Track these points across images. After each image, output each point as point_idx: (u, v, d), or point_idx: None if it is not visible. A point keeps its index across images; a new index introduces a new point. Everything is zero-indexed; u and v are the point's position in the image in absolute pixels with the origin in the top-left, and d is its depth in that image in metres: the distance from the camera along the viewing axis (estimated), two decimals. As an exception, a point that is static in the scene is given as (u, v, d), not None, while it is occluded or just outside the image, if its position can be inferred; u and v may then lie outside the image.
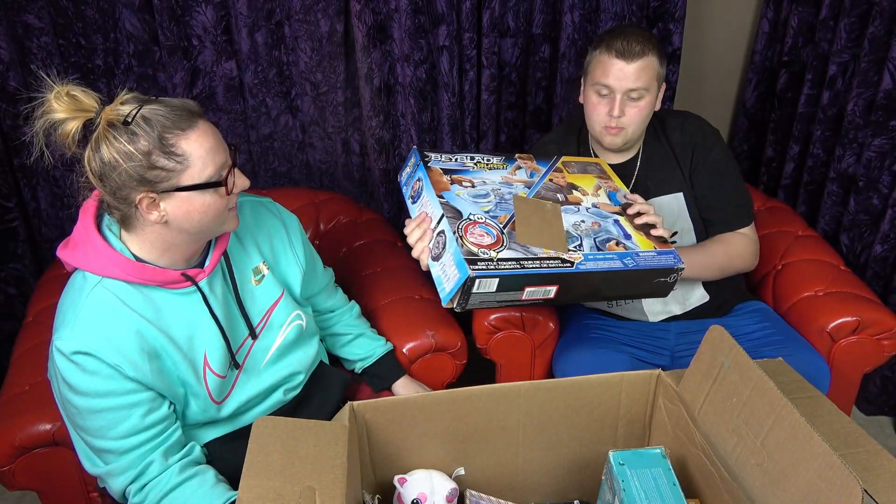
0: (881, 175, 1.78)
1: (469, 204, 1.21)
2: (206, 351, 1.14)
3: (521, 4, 1.85)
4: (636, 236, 1.29)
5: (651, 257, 1.28)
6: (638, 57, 1.37)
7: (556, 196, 1.31)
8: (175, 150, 1.00)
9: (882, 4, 1.66)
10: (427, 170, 1.25)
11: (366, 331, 1.48)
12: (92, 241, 1.06)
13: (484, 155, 1.34)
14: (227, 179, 1.06)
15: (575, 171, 1.39)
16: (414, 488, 1.04)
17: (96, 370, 1.03)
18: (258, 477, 0.84)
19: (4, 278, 1.85)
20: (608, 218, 1.31)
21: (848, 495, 0.75)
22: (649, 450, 1.00)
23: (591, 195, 1.35)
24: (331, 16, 1.77)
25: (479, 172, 1.29)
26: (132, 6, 1.69)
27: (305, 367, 1.32)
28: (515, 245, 1.18)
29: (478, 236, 1.16)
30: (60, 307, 1.08)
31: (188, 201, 1.03)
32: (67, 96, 0.97)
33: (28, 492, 1.75)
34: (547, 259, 1.18)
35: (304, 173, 2.01)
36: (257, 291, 1.23)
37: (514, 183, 1.30)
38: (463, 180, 1.26)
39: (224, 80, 1.82)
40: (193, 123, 1.02)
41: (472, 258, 1.12)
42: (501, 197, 1.25)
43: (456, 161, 1.30)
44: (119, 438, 1.07)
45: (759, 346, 1.45)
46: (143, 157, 0.98)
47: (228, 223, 1.12)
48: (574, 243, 1.22)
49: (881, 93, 1.70)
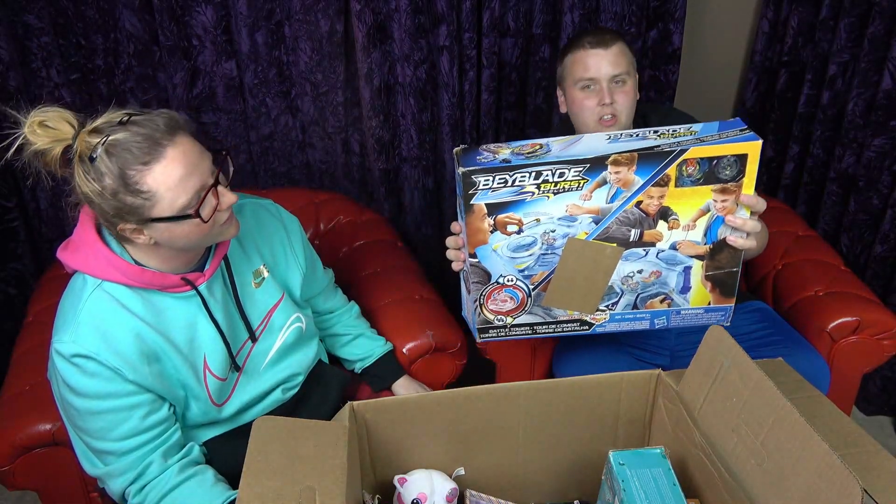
0: (881, 175, 1.78)
1: (504, 262, 1.08)
2: (205, 354, 1.14)
3: (521, 4, 1.85)
4: (696, 289, 1.12)
5: (694, 315, 1.15)
6: (612, 42, 1.40)
7: (630, 233, 1.07)
8: (139, 188, 0.96)
9: (882, 4, 1.66)
10: (468, 210, 1.03)
11: (365, 331, 1.48)
12: (91, 244, 1.06)
13: (560, 166, 1.00)
14: (203, 207, 1.00)
15: (693, 175, 1.03)
16: (414, 488, 1.04)
17: (96, 372, 1.03)
18: (258, 477, 0.84)
19: (4, 278, 1.85)
20: (678, 266, 1.11)
21: (848, 495, 0.75)
22: (649, 450, 1.00)
23: (683, 227, 1.07)
24: (331, 16, 1.77)
25: (538, 202, 1.03)
26: (132, 6, 1.68)
27: (305, 367, 1.32)
28: (537, 309, 1.12)
29: (500, 302, 1.11)
30: (60, 309, 1.08)
31: (168, 229, 1.01)
32: (40, 127, 0.95)
33: (28, 492, 1.75)
34: (565, 322, 1.13)
35: (304, 173, 2.01)
36: (257, 294, 1.23)
37: (581, 216, 1.05)
38: (509, 222, 1.04)
39: (224, 80, 1.82)
40: (159, 154, 0.96)
41: (485, 326, 1.11)
42: (550, 245, 1.07)
43: (513, 185, 1.01)
44: (119, 440, 1.07)
45: (759, 346, 1.45)
46: (111, 195, 0.96)
47: (226, 233, 1.09)
48: (610, 301, 1.11)
49: (881, 93, 1.70)
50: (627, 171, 1.02)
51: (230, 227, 1.09)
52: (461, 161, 1.02)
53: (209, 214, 1.02)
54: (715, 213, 1.07)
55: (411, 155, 1.97)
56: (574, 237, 1.06)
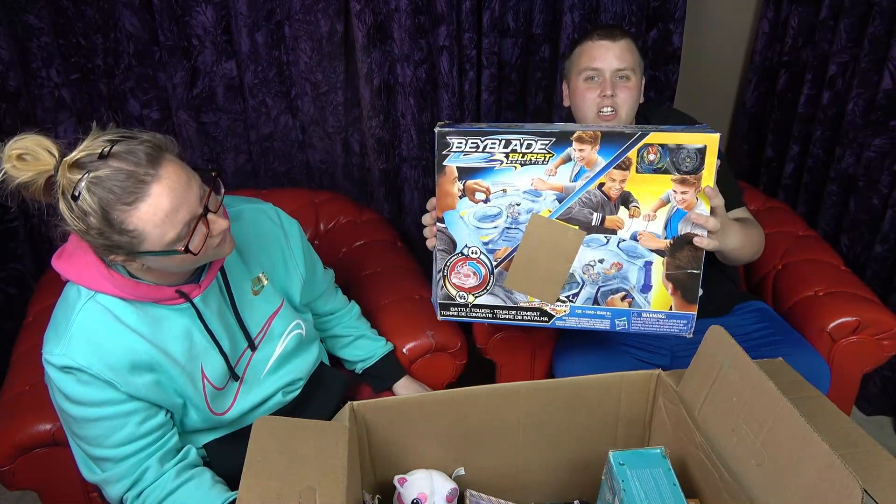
0: (881, 175, 1.78)
1: (469, 232, 1.09)
2: (203, 364, 1.14)
3: (521, 4, 1.85)
4: (658, 289, 1.12)
5: (656, 320, 1.14)
6: (620, 38, 1.41)
7: (592, 216, 1.09)
8: (125, 227, 0.93)
9: (882, 4, 1.66)
10: (439, 171, 1.07)
11: (366, 332, 1.48)
12: (84, 255, 1.04)
13: (528, 136, 1.05)
14: (193, 240, 0.98)
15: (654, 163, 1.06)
16: (414, 488, 1.04)
17: (90, 381, 1.03)
18: (258, 477, 0.84)
19: (4, 278, 1.85)
20: (639, 259, 1.11)
21: (848, 495, 0.75)
22: (649, 450, 1.00)
23: (644, 216, 1.09)
24: (331, 16, 1.77)
25: (506, 171, 1.07)
26: (132, 6, 1.69)
27: (306, 372, 1.31)
28: (498, 290, 1.12)
29: (462, 276, 1.11)
30: (52, 320, 1.07)
31: (159, 260, 1.00)
32: (19, 160, 0.92)
33: (28, 492, 1.75)
34: (525, 310, 1.14)
35: (303, 173, 2.01)
36: (256, 302, 1.22)
37: (545, 192, 1.08)
38: (477, 189, 1.08)
39: (224, 80, 1.82)
40: (143, 192, 0.92)
41: (446, 303, 1.12)
42: (515, 218, 1.09)
43: (485, 149, 1.06)
44: (116, 447, 1.07)
45: (759, 346, 1.45)
46: (97, 234, 0.94)
47: (220, 253, 1.07)
48: (571, 291, 1.11)
49: (881, 93, 1.70)
50: (591, 150, 1.06)
51: (224, 246, 1.07)
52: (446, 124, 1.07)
53: (199, 246, 0.99)
54: (675, 206, 1.09)
55: (411, 155, 1.97)
56: (538, 213, 1.09)
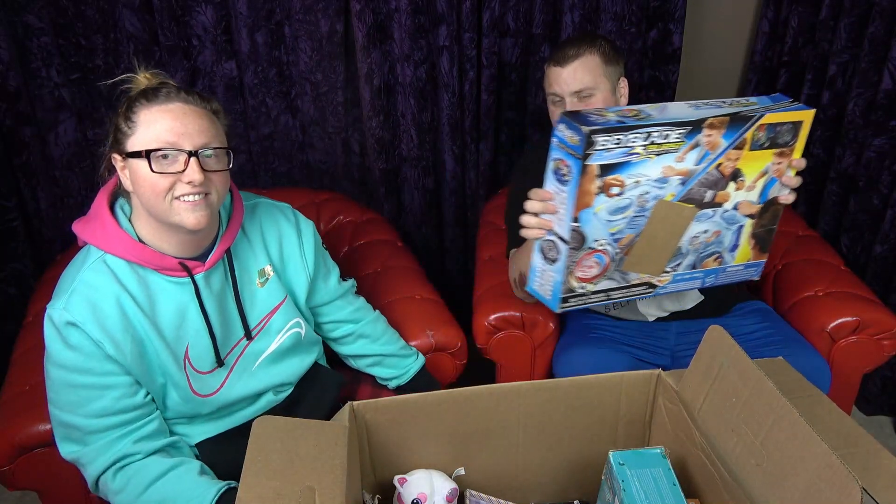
0: (881, 175, 1.78)
1: (601, 225, 1.10)
2: (189, 344, 1.15)
3: (521, 4, 1.85)
4: (743, 246, 1.21)
5: (735, 271, 1.24)
6: (572, 60, 1.43)
7: (706, 194, 1.14)
8: (131, 116, 1.05)
9: (882, 4, 1.66)
10: (583, 171, 1.04)
11: (395, 351, 1.44)
12: (101, 216, 1.10)
13: (666, 129, 1.06)
14: (160, 160, 1.03)
15: (761, 142, 1.13)
16: (414, 488, 1.04)
17: (78, 345, 1.04)
18: (258, 477, 0.84)
19: (4, 278, 1.85)
20: (735, 224, 1.19)
21: (847, 495, 0.75)
22: (649, 450, 1.00)
23: (747, 188, 1.17)
24: (331, 16, 1.77)
25: (642, 164, 1.07)
26: (132, 6, 1.69)
27: (297, 377, 1.31)
28: (616, 274, 1.16)
29: (586, 268, 1.13)
30: (62, 277, 1.11)
31: (134, 171, 1.05)
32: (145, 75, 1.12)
33: (28, 492, 1.75)
34: (634, 286, 1.19)
35: (304, 173, 2.01)
36: (259, 293, 1.22)
37: (672, 178, 1.10)
38: (613, 184, 1.08)
39: (224, 80, 1.82)
40: (165, 100, 1.05)
41: (568, 295, 1.13)
42: (643, 207, 1.11)
43: (626, 144, 1.05)
44: (89, 416, 1.07)
45: (758, 346, 1.45)
46: (117, 116, 1.07)
47: (182, 214, 1.05)
48: (675, 262, 1.18)
49: (881, 93, 1.70)
50: (718, 134, 1.10)
51: (189, 212, 1.05)
52: (579, 121, 1.04)
53: (161, 170, 1.03)
54: (771, 175, 1.17)
55: (411, 155, 1.97)
56: (663, 199, 1.12)
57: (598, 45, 1.45)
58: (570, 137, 1.04)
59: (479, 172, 2.05)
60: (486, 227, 1.86)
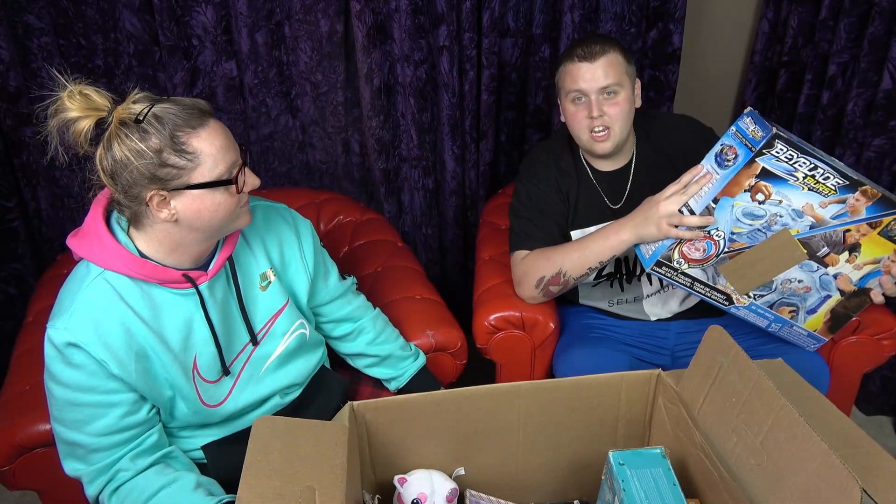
0: (881, 175, 1.78)
1: (729, 220, 1.18)
2: (197, 354, 1.14)
3: (521, 4, 1.85)
4: (819, 315, 1.29)
5: (798, 333, 1.31)
6: (599, 55, 1.40)
7: (822, 248, 1.21)
8: (186, 148, 1.00)
9: (882, 4, 1.66)
10: (749, 164, 1.12)
11: (393, 351, 1.44)
12: (98, 232, 1.07)
13: (830, 172, 1.13)
14: (238, 178, 1.06)
15: (892, 233, 1.21)
16: (414, 488, 1.04)
17: (82, 364, 1.03)
18: (258, 477, 0.84)
19: (4, 278, 1.85)
20: (825, 290, 1.26)
21: (847, 495, 0.75)
22: (649, 450, 1.00)
23: (855, 265, 1.23)
24: (331, 16, 1.77)
25: (793, 189, 1.15)
26: (132, 6, 1.69)
27: (305, 377, 1.31)
28: (710, 269, 1.22)
29: (693, 250, 1.21)
30: (61, 294, 1.09)
31: (199, 199, 1.03)
32: (80, 95, 0.98)
33: (28, 492, 1.75)
34: (717, 291, 1.25)
35: (304, 173, 2.01)
36: (262, 298, 1.22)
37: (807, 217, 1.18)
38: (762, 191, 1.16)
39: (224, 80, 1.82)
40: (204, 122, 1.02)
41: (664, 262, 1.22)
42: (770, 225, 1.19)
43: (794, 163, 1.12)
44: (93, 435, 1.07)
45: (759, 346, 1.45)
46: (154, 154, 0.98)
47: (240, 220, 1.12)
48: (760, 292, 1.23)
49: (881, 93, 1.71)
50: (863, 203, 1.17)
51: (245, 214, 1.12)
52: (769, 121, 1.12)
53: (242, 186, 1.07)
54: (880, 266, 1.24)
55: (411, 155, 1.97)
56: (788, 229, 1.19)
57: (618, 44, 1.45)
58: (752, 131, 1.12)
59: (479, 172, 2.05)
60: (486, 227, 1.86)
